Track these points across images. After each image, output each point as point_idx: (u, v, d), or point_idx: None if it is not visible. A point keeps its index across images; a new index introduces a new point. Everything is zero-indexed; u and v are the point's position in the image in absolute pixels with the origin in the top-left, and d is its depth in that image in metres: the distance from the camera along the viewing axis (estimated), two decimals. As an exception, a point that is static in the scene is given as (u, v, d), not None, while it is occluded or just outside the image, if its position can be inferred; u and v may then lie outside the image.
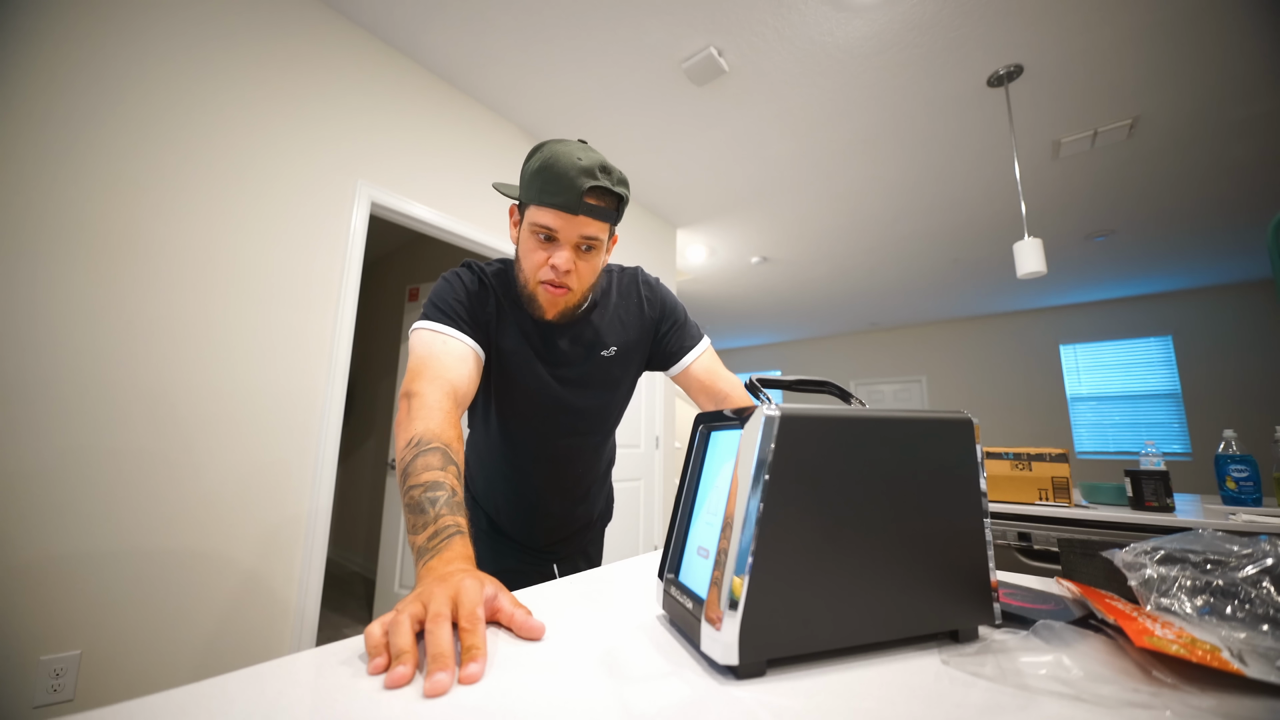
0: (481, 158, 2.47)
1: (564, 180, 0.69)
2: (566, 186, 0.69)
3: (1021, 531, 1.70)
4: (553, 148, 0.72)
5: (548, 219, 0.71)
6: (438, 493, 0.54)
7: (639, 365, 0.94)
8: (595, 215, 0.71)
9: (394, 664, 0.35)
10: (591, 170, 0.69)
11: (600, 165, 0.71)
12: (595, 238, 0.74)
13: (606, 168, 0.72)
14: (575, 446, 0.92)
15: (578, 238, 0.73)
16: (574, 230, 0.72)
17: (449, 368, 0.71)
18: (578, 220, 0.71)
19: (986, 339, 6.48)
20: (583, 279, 0.76)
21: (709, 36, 2.09)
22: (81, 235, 1.37)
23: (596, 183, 0.69)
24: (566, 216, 0.71)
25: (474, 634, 0.39)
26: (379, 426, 3.75)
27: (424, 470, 0.56)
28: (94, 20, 1.43)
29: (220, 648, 1.51)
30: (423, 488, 0.54)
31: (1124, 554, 0.52)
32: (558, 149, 0.71)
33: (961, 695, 0.36)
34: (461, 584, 0.43)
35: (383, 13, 1.99)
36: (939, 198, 3.40)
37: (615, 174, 0.73)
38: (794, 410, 0.42)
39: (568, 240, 0.73)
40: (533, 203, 0.72)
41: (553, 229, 0.72)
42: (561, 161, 0.69)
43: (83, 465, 1.34)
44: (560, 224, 0.71)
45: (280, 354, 1.72)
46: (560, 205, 0.70)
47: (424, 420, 0.62)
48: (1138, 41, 2.06)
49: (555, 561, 0.99)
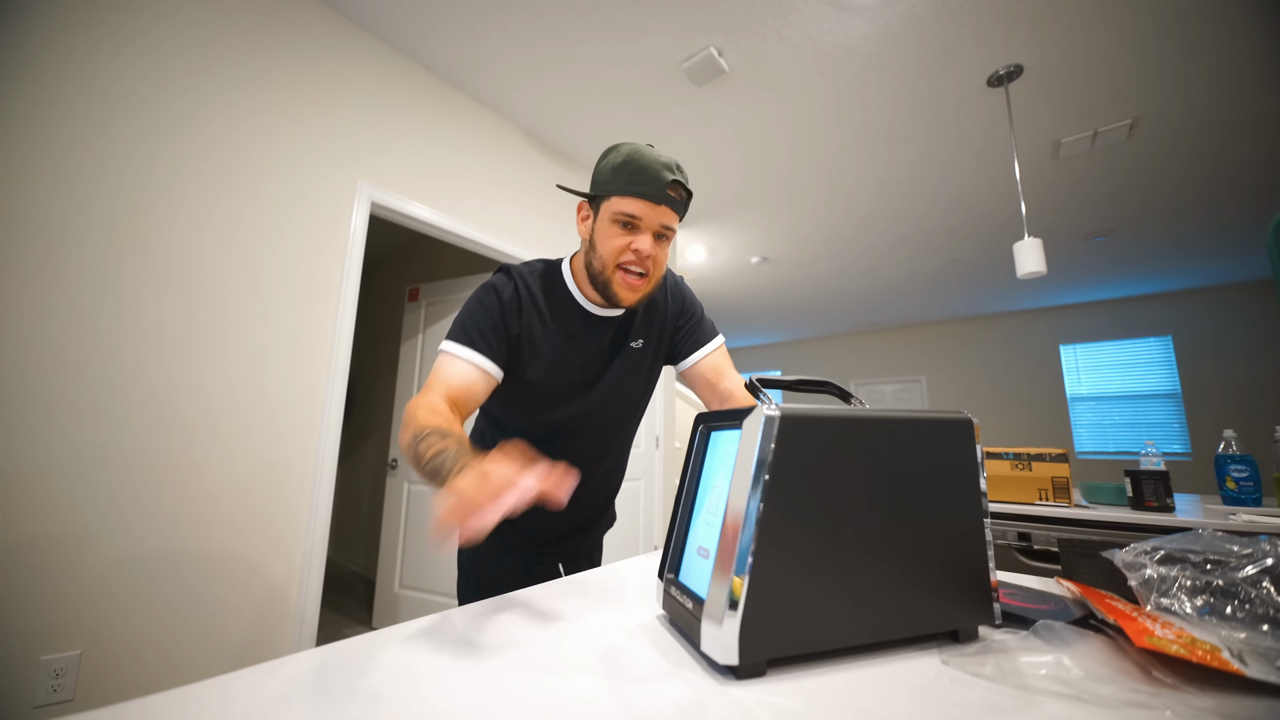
0: (481, 158, 2.47)
1: (649, 172, 0.76)
2: (652, 178, 0.76)
3: (1021, 531, 1.70)
4: (633, 146, 0.79)
5: (634, 207, 0.78)
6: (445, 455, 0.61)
7: (661, 359, 0.97)
8: (674, 206, 0.79)
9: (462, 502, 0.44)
10: (671, 166, 0.78)
11: (676, 163, 0.79)
12: (671, 227, 0.81)
13: (680, 166, 0.80)
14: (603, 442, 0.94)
15: (659, 226, 0.79)
16: (656, 218, 0.79)
17: (452, 384, 0.78)
18: (660, 210, 0.78)
19: (986, 339, 6.48)
20: (659, 266, 0.83)
21: (709, 36, 2.09)
22: (82, 235, 1.37)
23: (676, 177, 0.77)
24: (651, 205, 0.77)
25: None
26: (379, 426, 3.75)
27: (428, 449, 0.63)
28: (94, 20, 1.43)
29: (220, 648, 1.51)
30: (435, 454, 0.61)
31: (1124, 554, 0.52)
32: (638, 147, 0.79)
33: (961, 695, 0.36)
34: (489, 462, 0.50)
35: (383, 13, 1.99)
36: (939, 197, 3.40)
37: (685, 174, 0.81)
38: (794, 410, 0.42)
39: (649, 227, 0.79)
40: (617, 193, 0.79)
41: (638, 216, 0.78)
42: (646, 155, 0.77)
43: (83, 465, 1.34)
44: (645, 212, 0.78)
45: (281, 354, 1.72)
46: (647, 195, 0.77)
47: (420, 418, 0.68)
48: (1138, 41, 2.06)
49: (560, 560, 0.99)
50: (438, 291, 2.81)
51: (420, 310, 2.85)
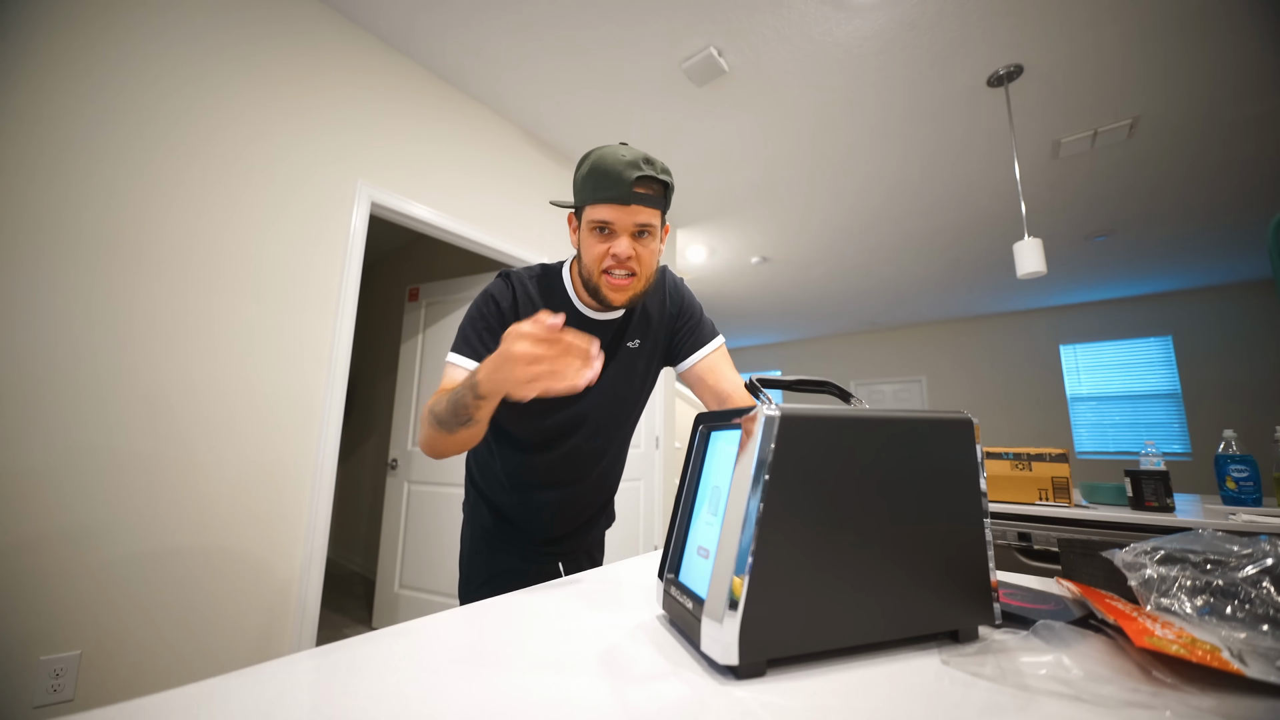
0: (481, 158, 2.47)
1: (612, 175, 0.76)
2: (615, 181, 0.76)
3: (1021, 531, 1.70)
4: (598, 152, 0.79)
5: (603, 213, 0.78)
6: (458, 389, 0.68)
7: (659, 360, 0.98)
8: (645, 203, 0.78)
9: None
10: (636, 163, 0.77)
11: (644, 158, 0.78)
12: (648, 224, 0.80)
13: (649, 159, 0.79)
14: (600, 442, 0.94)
15: (633, 226, 0.79)
16: (629, 219, 0.78)
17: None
18: (630, 209, 0.78)
19: (986, 339, 6.48)
20: (644, 264, 0.82)
21: (709, 36, 2.09)
22: (81, 235, 1.37)
23: (642, 173, 0.77)
24: (619, 208, 0.77)
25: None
26: (379, 426, 3.75)
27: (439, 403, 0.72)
28: (93, 19, 1.43)
29: (220, 648, 1.51)
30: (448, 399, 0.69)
31: (1124, 554, 0.52)
32: (603, 152, 0.79)
33: (961, 695, 0.36)
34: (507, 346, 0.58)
35: (383, 13, 1.99)
36: (939, 197, 3.40)
37: (658, 164, 0.80)
38: (794, 410, 0.42)
39: (624, 230, 0.79)
40: (588, 202, 0.79)
41: (609, 221, 0.78)
42: (608, 160, 0.77)
43: (83, 466, 1.34)
44: (615, 215, 0.78)
45: (280, 354, 1.72)
46: (613, 198, 0.77)
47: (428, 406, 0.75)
48: (1138, 41, 2.06)
49: (560, 559, 0.99)
50: (438, 291, 2.81)
51: (420, 310, 2.85)
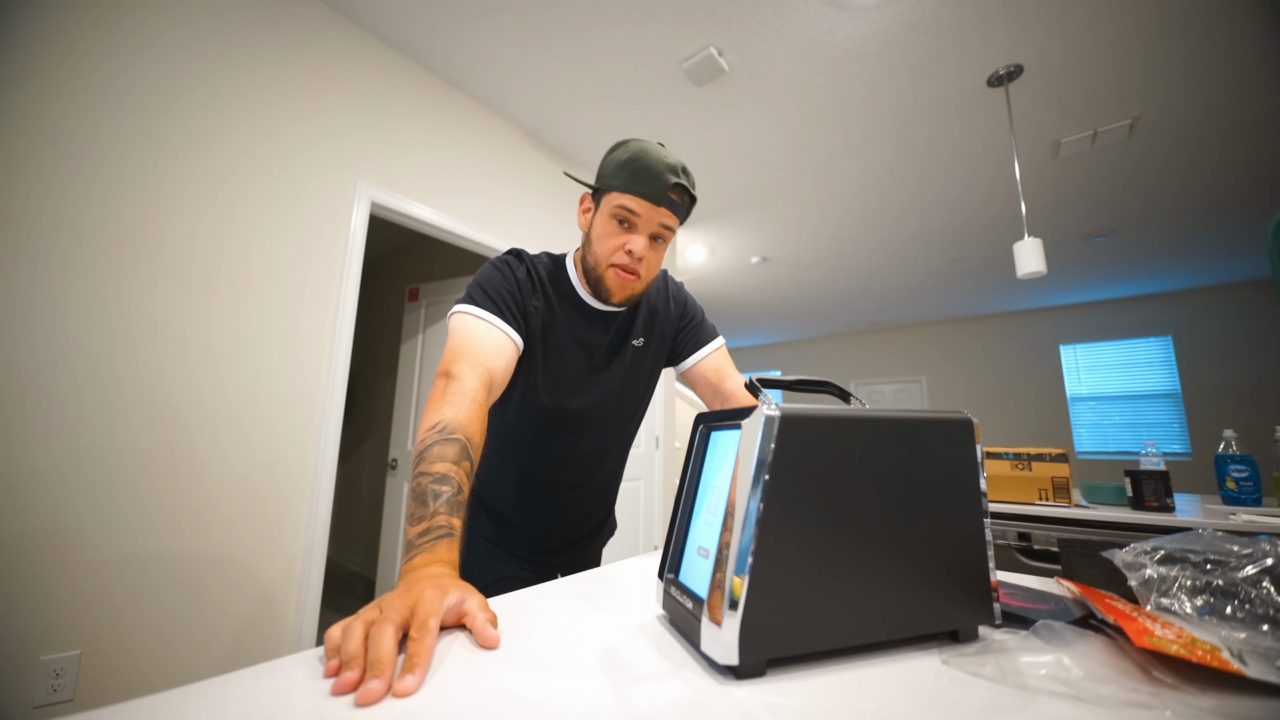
0: (482, 158, 2.47)
1: (653, 172, 0.76)
2: (655, 178, 0.76)
3: (1021, 531, 1.70)
4: (641, 144, 0.79)
5: (633, 204, 0.77)
6: (443, 487, 0.54)
7: (661, 360, 0.98)
8: (674, 209, 0.79)
9: (343, 669, 0.34)
10: (676, 169, 0.77)
11: (682, 166, 0.79)
12: (669, 229, 0.80)
13: (686, 170, 0.79)
14: (604, 442, 0.94)
15: (656, 226, 0.79)
16: (655, 219, 0.78)
17: (490, 355, 0.73)
18: (659, 211, 0.77)
19: (986, 339, 6.48)
20: (649, 269, 0.82)
21: (709, 36, 2.09)
22: (82, 235, 1.37)
23: (679, 180, 0.77)
24: (650, 205, 0.77)
25: (419, 643, 0.37)
26: (379, 426, 3.75)
27: (438, 460, 0.57)
28: (93, 19, 1.43)
29: (220, 648, 1.51)
30: (431, 478, 0.55)
31: (1124, 554, 0.52)
32: (646, 145, 0.78)
33: (961, 695, 0.36)
34: (422, 592, 0.42)
35: (383, 12, 1.99)
36: (939, 198, 3.40)
37: (691, 177, 0.80)
38: (794, 410, 0.42)
39: (646, 228, 0.79)
40: (619, 189, 0.78)
41: (636, 214, 0.77)
42: (652, 155, 0.77)
43: (83, 465, 1.34)
44: (644, 211, 0.77)
45: (280, 354, 1.72)
46: (647, 195, 0.76)
47: (455, 406, 0.63)
48: (1138, 41, 2.06)
49: (560, 571, 0.96)
50: (438, 291, 2.81)
51: (420, 310, 2.85)
